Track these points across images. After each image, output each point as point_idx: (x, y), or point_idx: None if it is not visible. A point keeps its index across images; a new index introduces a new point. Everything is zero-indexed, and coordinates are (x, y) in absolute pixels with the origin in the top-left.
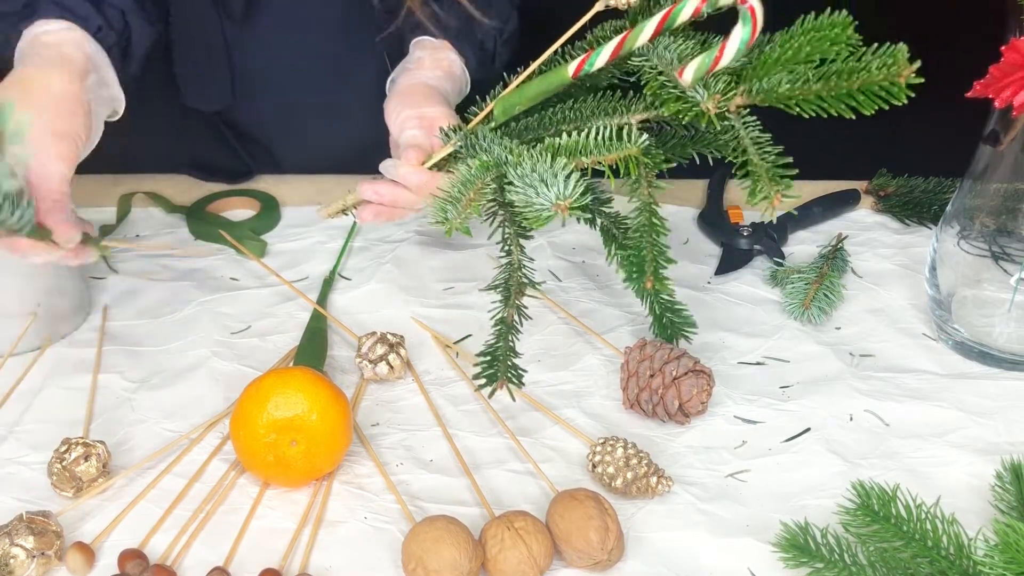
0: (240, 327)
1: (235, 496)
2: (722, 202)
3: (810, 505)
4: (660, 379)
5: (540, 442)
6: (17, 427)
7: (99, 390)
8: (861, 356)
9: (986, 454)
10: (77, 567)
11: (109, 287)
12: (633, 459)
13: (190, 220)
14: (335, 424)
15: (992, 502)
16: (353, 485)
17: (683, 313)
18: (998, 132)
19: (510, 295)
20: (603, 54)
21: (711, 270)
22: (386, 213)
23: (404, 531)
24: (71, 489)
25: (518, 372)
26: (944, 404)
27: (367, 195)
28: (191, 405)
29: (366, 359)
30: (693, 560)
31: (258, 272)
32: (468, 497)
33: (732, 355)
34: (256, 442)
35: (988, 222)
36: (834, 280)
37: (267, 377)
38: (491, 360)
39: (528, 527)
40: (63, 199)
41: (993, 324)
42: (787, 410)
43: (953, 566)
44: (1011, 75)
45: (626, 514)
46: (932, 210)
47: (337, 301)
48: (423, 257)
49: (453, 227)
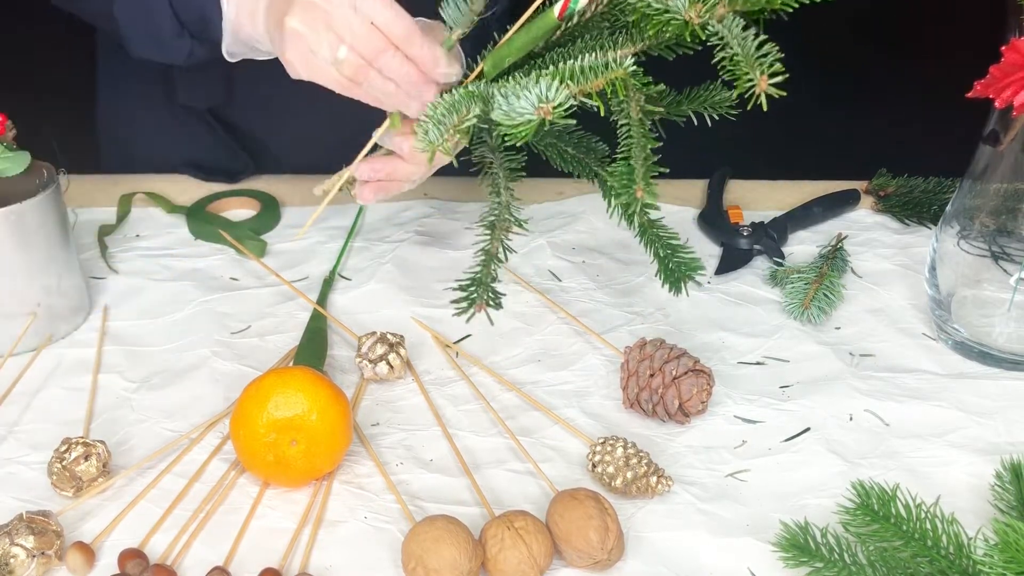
0: (240, 327)
1: (235, 496)
2: (722, 202)
3: (810, 505)
4: (660, 379)
5: (540, 442)
6: (17, 427)
7: (99, 390)
8: (861, 356)
9: (986, 454)
10: (77, 567)
11: (109, 287)
12: (633, 459)
13: (190, 220)
14: (335, 424)
15: (992, 502)
16: (353, 485)
17: (689, 254)
18: (998, 132)
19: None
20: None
21: (711, 270)
22: (386, 187)
23: (404, 531)
24: (71, 489)
25: (496, 295)
26: (944, 404)
27: (364, 174)
28: (191, 405)
29: (366, 359)
30: (693, 560)
31: (258, 272)
32: (468, 497)
33: (732, 355)
34: (256, 442)
35: (988, 222)
36: (834, 280)
37: (267, 377)
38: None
39: (528, 527)
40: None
41: (993, 324)
42: (787, 410)
43: (953, 566)
44: (1011, 75)
45: (626, 514)
46: (932, 210)
47: (337, 301)
48: (423, 257)
49: (435, 148)
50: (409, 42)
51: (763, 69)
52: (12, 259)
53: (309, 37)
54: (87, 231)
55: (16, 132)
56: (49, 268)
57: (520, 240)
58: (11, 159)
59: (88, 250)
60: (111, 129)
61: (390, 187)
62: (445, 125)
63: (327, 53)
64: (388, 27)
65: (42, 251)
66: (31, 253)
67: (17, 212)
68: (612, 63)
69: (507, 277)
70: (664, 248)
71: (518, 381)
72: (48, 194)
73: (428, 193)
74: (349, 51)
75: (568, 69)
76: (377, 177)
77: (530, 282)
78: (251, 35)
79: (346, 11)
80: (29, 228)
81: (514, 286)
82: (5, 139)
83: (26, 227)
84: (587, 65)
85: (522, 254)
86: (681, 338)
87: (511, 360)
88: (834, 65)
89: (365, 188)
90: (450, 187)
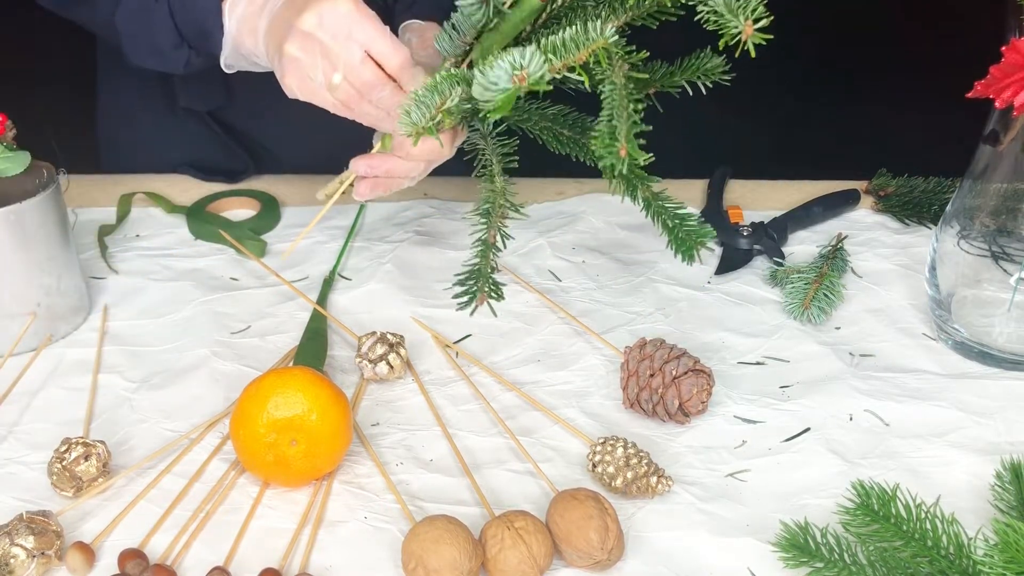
0: (240, 327)
1: (235, 496)
2: (722, 202)
3: (810, 505)
4: (660, 379)
5: (540, 442)
6: (17, 427)
7: (99, 390)
8: (861, 356)
9: (986, 454)
10: (77, 567)
11: (109, 287)
12: (633, 459)
13: (190, 220)
14: (335, 424)
15: (992, 502)
16: (353, 485)
17: (698, 223)
18: (998, 132)
19: (491, 218)
20: None
21: (711, 270)
22: (383, 184)
23: (404, 531)
24: (71, 489)
25: (498, 286)
26: (944, 404)
27: (361, 170)
28: (191, 405)
29: (366, 359)
30: (693, 560)
31: (258, 272)
32: (468, 497)
33: (732, 355)
34: (256, 442)
35: (988, 222)
36: (834, 280)
37: (267, 377)
38: (472, 277)
39: (528, 527)
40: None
41: (993, 324)
42: (787, 410)
43: (953, 566)
44: (1011, 75)
45: (626, 514)
46: (932, 210)
47: (337, 301)
48: (423, 257)
49: (418, 131)
50: (403, 74)
51: (747, 15)
52: (12, 259)
53: (305, 63)
54: (87, 231)
55: (16, 132)
56: (49, 268)
57: (520, 240)
58: (11, 159)
59: (88, 250)
60: (111, 130)
61: (389, 184)
62: (427, 106)
63: (322, 79)
64: (383, 59)
65: (42, 251)
66: (31, 253)
67: (17, 212)
68: (593, 33)
69: (507, 277)
70: (672, 219)
71: (518, 381)
72: (48, 194)
73: (428, 193)
74: (343, 79)
75: (550, 43)
76: (374, 174)
77: (530, 282)
78: (251, 51)
79: (342, 41)
80: (29, 228)
81: (514, 286)
82: (5, 139)
83: (26, 227)
84: (568, 37)
85: (522, 254)
86: (681, 338)
87: (511, 360)
88: (834, 65)
89: (361, 184)
90: (450, 187)
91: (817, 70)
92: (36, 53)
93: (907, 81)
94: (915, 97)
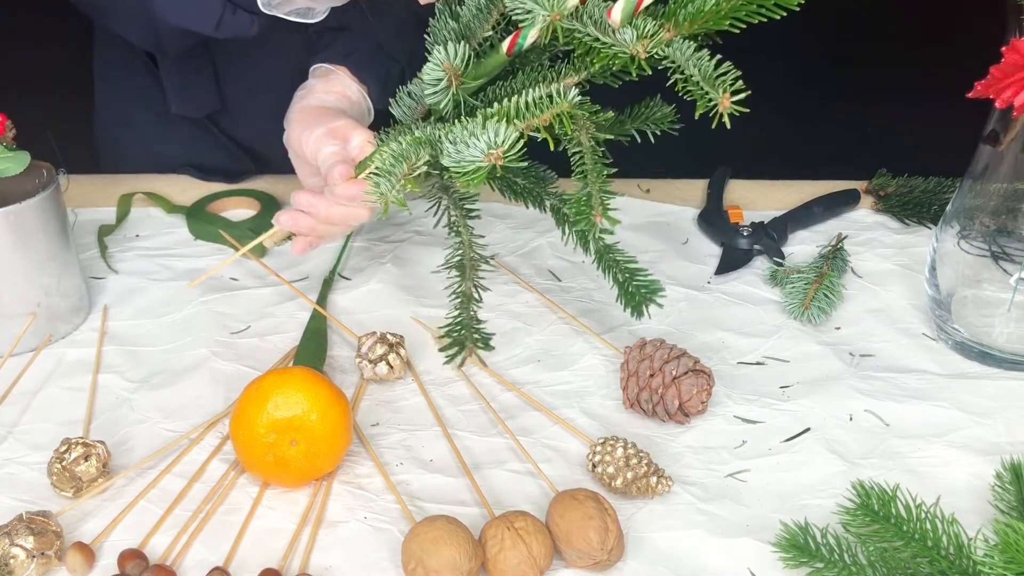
0: (240, 327)
1: (235, 496)
2: (722, 202)
3: (810, 505)
4: (660, 379)
5: (540, 442)
6: (17, 427)
7: (99, 390)
8: (861, 356)
9: (986, 454)
10: (77, 567)
11: (109, 287)
12: (633, 459)
13: (190, 220)
14: (335, 424)
15: (992, 502)
16: (353, 485)
17: (648, 278)
18: (998, 132)
19: (466, 271)
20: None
21: (711, 270)
22: (316, 241)
23: (404, 531)
24: (71, 489)
25: (485, 337)
26: (944, 404)
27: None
28: (191, 405)
29: (366, 359)
30: (693, 560)
31: (258, 272)
32: (468, 497)
33: (732, 355)
34: (256, 442)
35: (988, 222)
36: (834, 280)
37: (267, 377)
38: (456, 329)
39: (528, 527)
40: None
41: (993, 324)
42: (787, 410)
43: (953, 566)
44: (1011, 75)
45: (626, 514)
46: (932, 210)
47: (337, 301)
48: (423, 257)
49: (389, 201)
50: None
51: (724, 87)
52: (12, 259)
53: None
54: (87, 231)
55: (16, 132)
56: (49, 268)
57: (520, 240)
58: (11, 159)
59: (88, 250)
60: (109, 131)
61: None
62: (395, 175)
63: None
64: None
65: (42, 251)
66: (31, 253)
67: (17, 212)
68: (557, 96)
69: (507, 277)
70: (622, 272)
71: (518, 381)
72: (48, 194)
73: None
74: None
75: (513, 106)
76: (297, 230)
77: (530, 282)
78: None
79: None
80: (29, 228)
81: (514, 286)
82: (5, 139)
83: (26, 227)
84: (531, 100)
85: (522, 254)
86: (681, 338)
87: (511, 360)
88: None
89: (297, 242)
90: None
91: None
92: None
93: (907, 81)
94: (915, 97)
